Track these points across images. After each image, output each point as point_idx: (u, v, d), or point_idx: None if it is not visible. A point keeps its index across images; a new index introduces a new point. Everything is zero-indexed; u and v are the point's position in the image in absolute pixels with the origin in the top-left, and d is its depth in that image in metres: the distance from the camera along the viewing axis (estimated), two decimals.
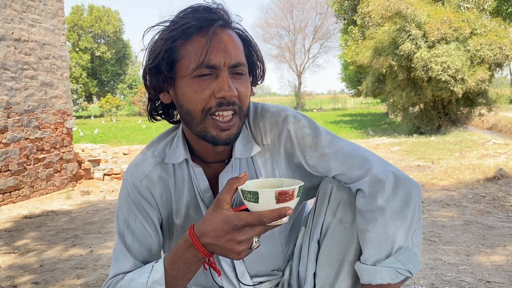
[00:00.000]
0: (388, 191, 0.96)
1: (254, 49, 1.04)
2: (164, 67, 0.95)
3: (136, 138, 16.52)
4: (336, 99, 51.73)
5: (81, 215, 4.77)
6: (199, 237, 0.90)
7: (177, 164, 1.10)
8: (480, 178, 5.55)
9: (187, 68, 0.93)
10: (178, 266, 0.94)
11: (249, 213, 0.85)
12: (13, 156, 5.47)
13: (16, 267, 3.05)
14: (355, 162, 1.00)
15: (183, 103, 0.97)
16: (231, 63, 0.94)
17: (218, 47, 0.92)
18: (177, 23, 0.93)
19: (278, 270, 1.23)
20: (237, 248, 0.87)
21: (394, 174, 0.98)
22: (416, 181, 1.02)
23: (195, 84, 0.94)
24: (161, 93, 1.03)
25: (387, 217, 0.94)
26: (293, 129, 1.06)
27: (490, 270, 2.58)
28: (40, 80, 6.01)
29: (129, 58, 45.48)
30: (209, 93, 0.93)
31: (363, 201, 0.97)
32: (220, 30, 0.94)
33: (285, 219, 0.86)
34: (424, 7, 13.90)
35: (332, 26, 45.50)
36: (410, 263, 0.93)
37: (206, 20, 0.92)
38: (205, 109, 0.94)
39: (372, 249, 0.95)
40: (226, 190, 0.89)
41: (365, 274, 0.95)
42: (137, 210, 1.09)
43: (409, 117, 16.18)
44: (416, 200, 0.98)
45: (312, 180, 1.14)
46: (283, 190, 0.84)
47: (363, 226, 0.97)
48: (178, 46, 0.94)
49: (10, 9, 5.44)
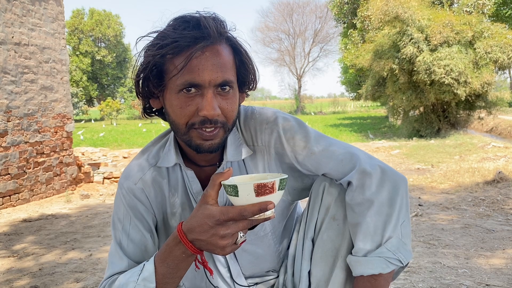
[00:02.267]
0: (376, 183, 0.99)
1: (246, 60, 1.04)
2: (152, 79, 0.98)
3: (136, 142, 16.51)
4: (336, 103, 51.83)
5: (81, 218, 4.77)
6: (186, 233, 0.91)
7: (170, 167, 1.13)
8: (479, 181, 5.55)
9: (173, 82, 0.95)
10: (168, 263, 0.95)
11: (231, 207, 0.85)
12: (13, 160, 5.48)
13: (15, 271, 3.04)
14: (344, 157, 1.04)
15: (170, 114, 1.00)
16: (216, 81, 0.95)
17: (204, 65, 0.93)
18: (167, 38, 0.94)
19: (273, 271, 1.25)
20: (221, 242, 0.87)
21: (381, 167, 1.02)
22: (416, 184, 1.03)
23: (180, 100, 0.96)
24: (151, 99, 1.05)
25: (375, 209, 0.97)
26: (282, 130, 1.08)
27: (490, 273, 2.58)
28: (40, 84, 6.02)
29: (129, 62, 45.53)
30: (193, 109, 0.96)
31: (351, 194, 1.00)
32: (209, 48, 0.94)
33: (269, 213, 0.86)
34: (423, 11, 13.93)
35: (332, 29, 45.69)
36: (399, 252, 0.96)
37: (194, 38, 0.93)
38: (189, 123, 0.97)
39: (363, 241, 0.97)
40: (210, 185, 0.90)
41: (356, 266, 0.98)
42: (132, 212, 1.11)
43: (409, 120, 16.17)
44: (403, 191, 1.01)
45: (304, 180, 1.16)
46: (261, 183, 0.83)
47: (353, 220, 1.00)
48: (167, 60, 0.96)
49: (10, 13, 5.46)
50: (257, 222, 0.88)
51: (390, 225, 0.97)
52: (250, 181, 0.85)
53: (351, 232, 1.02)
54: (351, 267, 1.00)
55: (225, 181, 0.89)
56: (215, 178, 0.89)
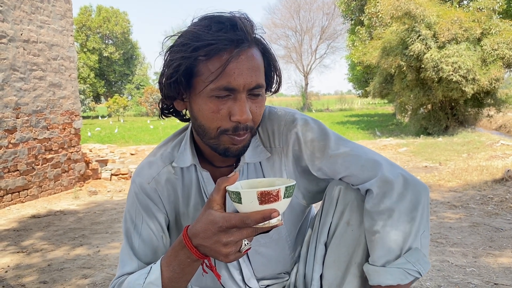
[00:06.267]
0: (397, 192, 0.96)
1: (273, 62, 1.02)
2: (182, 81, 0.95)
3: (143, 139, 16.57)
4: (343, 100, 51.57)
5: (89, 215, 4.80)
6: (191, 237, 0.88)
7: (185, 167, 1.11)
8: (488, 179, 5.51)
9: (205, 85, 0.92)
10: (173, 267, 0.93)
11: (234, 214, 0.82)
12: (21, 156, 5.52)
13: (24, 266, 3.07)
14: (364, 163, 1.00)
15: (198, 118, 0.97)
16: (250, 86, 0.93)
17: (240, 70, 0.91)
18: (201, 39, 0.90)
19: (285, 273, 1.23)
20: (224, 250, 0.84)
21: (403, 175, 0.98)
22: (424, 182, 1.02)
23: (212, 104, 0.93)
24: (176, 101, 1.02)
25: (396, 218, 0.94)
26: (301, 132, 1.06)
27: (498, 272, 2.56)
28: (49, 80, 6.05)
29: (137, 58, 45.71)
30: (225, 114, 0.93)
31: (372, 202, 0.97)
32: (244, 51, 0.92)
33: (275, 221, 0.82)
34: (433, 7, 13.83)
35: (339, 26, 45.41)
36: (419, 264, 0.93)
37: (231, 40, 0.90)
38: (221, 129, 0.95)
39: (382, 250, 0.95)
40: (215, 190, 0.87)
41: (374, 275, 0.95)
42: (144, 212, 1.09)
43: (417, 118, 16.07)
44: (425, 201, 0.97)
45: (319, 183, 1.13)
46: (265, 191, 0.79)
47: (372, 228, 0.97)
48: (199, 62, 0.92)
49: (19, 11, 5.49)
50: (262, 231, 0.84)
51: (411, 236, 0.94)
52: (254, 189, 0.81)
53: (368, 239, 0.99)
54: (368, 275, 0.97)
55: (229, 186, 0.86)
56: (220, 183, 0.86)
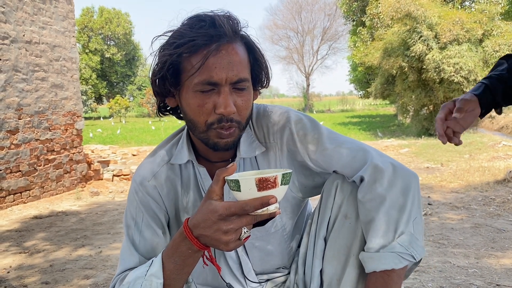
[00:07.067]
0: (388, 179, 0.99)
1: (260, 58, 1.05)
2: (169, 78, 1.00)
3: (145, 139, 16.59)
4: (345, 101, 51.61)
5: (90, 215, 4.81)
6: (192, 228, 0.90)
7: (183, 164, 1.15)
8: (490, 180, 5.50)
9: (190, 81, 0.97)
10: (175, 259, 0.95)
11: (234, 202, 0.85)
12: (24, 157, 5.53)
13: (26, 267, 3.08)
14: (356, 154, 1.05)
15: (188, 112, 1.02)
16: (232, 79, 0.97)
17: (220, 64, 0.95)
18: (184, 37, 0.96)
19: (284, 268, 1.25)
20: (224, 238, 0.86)
21: (392, 164, 1.02)
22: (425, 183, 1.02)
23: (198, 98, 0.98)
24: (167, 98, 1.07)
25: (387, 205, 0.97)
26: (295, 128, 1.10)
27: (500, 273, 2.56)
28: (51, 81, 6.07)
29: (138, 60, 45.74)
30: (211, 107, 0.98)
31: (363, 191, 1.00)
32: (225, 46, 0.96)
33: (273, 208, 0.84)
34: (434, 8, 13.82)
35: (340, 27, 45.46)
36: (412, 248, 0.95)
37: (210, 36, 0.94)
38: (208, 122, 0.99)
39: (375, 237, 0.97)
40: (215, 181, 0.89)
41: (369, 262, 0.97)
42: (145, 209, 1.12)
43: (418, 118, 16.06)
44: (415, 188, 1.00)
45: (315, 179, 1.16)
46: (263, 177, 0.82)
47: (365, 217, 1.00)
48: (183, 58, 0.97)
49: (21, 12, 5.51)
50: (261, 218, 0.86)
51: (402, 221, 0.96)
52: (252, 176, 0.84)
53: (363, 229, 1.02)
54: (363, 263, 0.99)
55: (228, 176, 0.89)
56: (219, 174, 0.89)
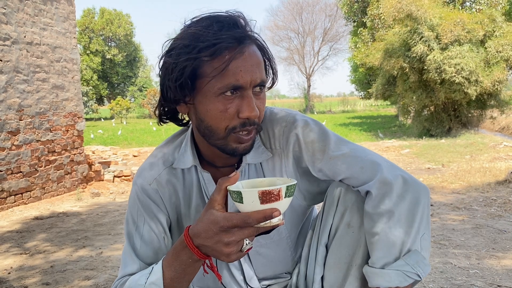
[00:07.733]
0: (397, 193, 0.95)
1: (269, 58, 1.03)
2: (188, 83, 0.94)
3: (146, 140, 16.60)
4: (346, 102, 51.62)
5: (91, 216, 4.81)
6: (192, 238, 0.89)
7: (186, 168, 1.11)
8: (491, 181, 5.49)
9: (211, 85, 0.92)
10: (175, 267, 0.93)
11: (236, 214, 0.83)
12: (24, 158, 5.54)
13: (27, 268, 3.08)
14: (364, 164, 1.00)
15: (205, 119, 0.96)
16: (256, 82, 0.94)
17: (245, 67, 0.91)
18: (203, 40, 0.90)
19: (286, 273, 1.23)
20: (226, 250, 0.84)
21: (403, 177, 0.98)
22: (425, 184, 1.00)
23: (220, 103, 0.93)
24: (179, 105, 1.01)
25: (395, 220, 0.93)
26: (301, 133, 1.05)
27: (501, 274, 2.55)
28: (52, 82, 6.07)
29: (139, 61, 45.81)
30: (234, 112, 0.93)
31: (371, 204, 0.96)
32: (246, 49, 0.92)
33: (276, 220, 0.82)
34: (435, 9, 13.82)
35: (341, 28, 45.43)
36: (418, 266, 0.92)
37: (233, 38, 0.91)
38: (229, 127, 0.95)
39: (381, 252, 0.94)
40: (216, 190, 0.87)
41: (373, 277, 0.94)
42: (146, 213, 1.09)
43: (419, 119, 16.05)
44: (425, 203, 0.97)
45: (320, 185, 1.13)
46: (266, 190, 0.80)
47: (371, 229, 0.96)
48: (203, 63, 0.92)
49: (22, 13, 5.52)
50: (264, 230, 0.84)
51: (410, 238, 0.93)
52: (255, 188, 0.81)
53: (368, 241, 0.98)
54: (367, 277, 0.96)
55: (230, 186, 0.86)
56: (221, 183, 0.86)
